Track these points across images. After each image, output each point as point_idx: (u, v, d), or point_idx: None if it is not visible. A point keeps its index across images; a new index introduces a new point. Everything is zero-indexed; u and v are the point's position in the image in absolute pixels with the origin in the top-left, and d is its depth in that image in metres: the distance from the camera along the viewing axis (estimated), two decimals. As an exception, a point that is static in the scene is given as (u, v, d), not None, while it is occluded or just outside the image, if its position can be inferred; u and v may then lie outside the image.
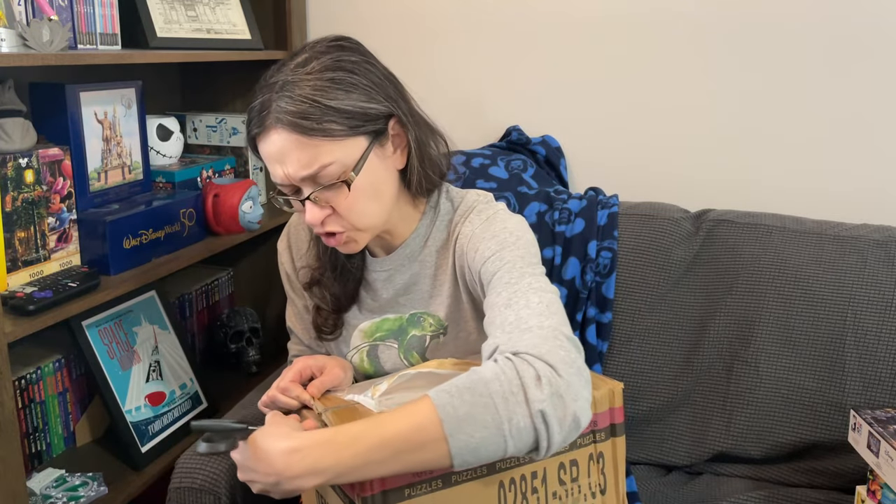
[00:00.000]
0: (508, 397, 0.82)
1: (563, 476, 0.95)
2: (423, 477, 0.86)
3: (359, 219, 1.05)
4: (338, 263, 1.18)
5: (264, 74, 1.05)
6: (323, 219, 1.04)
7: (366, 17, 1.88)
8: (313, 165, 0.99)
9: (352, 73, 1.01)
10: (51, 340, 1.49)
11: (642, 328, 1.53)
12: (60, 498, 1.35)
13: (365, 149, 1.02)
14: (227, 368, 1.88)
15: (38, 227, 1.33)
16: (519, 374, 0.83)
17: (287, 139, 0.99)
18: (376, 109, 1.02)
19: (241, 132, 1.90)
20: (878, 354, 1.40)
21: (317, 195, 1.02)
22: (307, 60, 1.02)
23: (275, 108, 0.99)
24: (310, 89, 0.98)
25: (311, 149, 0.99)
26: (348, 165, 1.01)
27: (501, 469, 0.91)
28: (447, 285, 1.14)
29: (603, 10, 1.72)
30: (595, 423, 0.96)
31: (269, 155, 1.02)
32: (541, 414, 0.82)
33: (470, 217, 1.11)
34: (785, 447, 1.44)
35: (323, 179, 1.01)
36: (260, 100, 1.02)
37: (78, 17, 1.41)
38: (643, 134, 1.75)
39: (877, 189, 1.63)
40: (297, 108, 0.98)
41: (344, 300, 1.19)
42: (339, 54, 1.02)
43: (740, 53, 1.65)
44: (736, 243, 1.52)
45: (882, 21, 1.56)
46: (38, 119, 1.39)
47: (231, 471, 1.24)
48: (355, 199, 1.03)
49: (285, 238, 1.27)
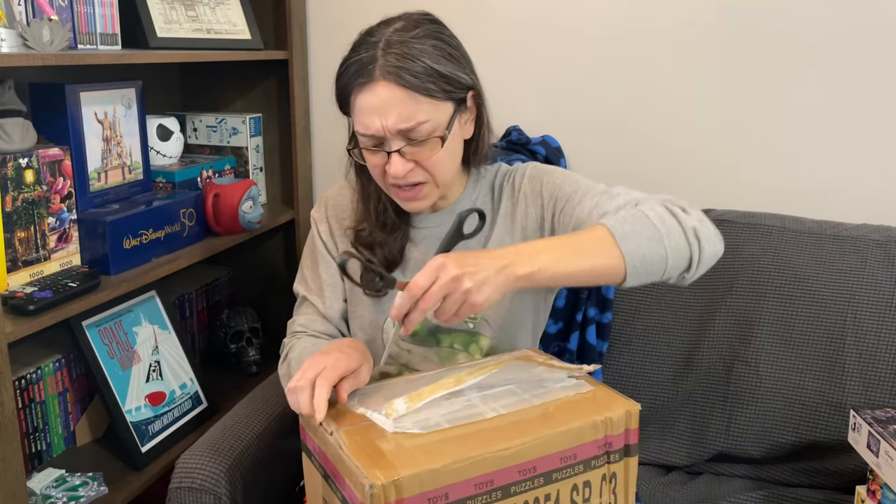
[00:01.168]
0: (665, 219, 1.01)
1: (575, 497, 0.94)
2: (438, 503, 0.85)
3: (441, 173, 1.13)
4: (388, 221, 1.23)
5: (361, 34, 1.13)
6: (407, 172, 1.10)
7: (366, 17, 1.86)
8: (411, 121, 1.07)
9: (448, 44, 1.12)
10: (51, 340, 1.49)
11: (642, 328, 1.53)
12: (60, 498, 1.35)
13: (452, 113, 1.12)
14: (227, 368, 1.88)
15: (38, 227, 1.33)
16: (667, 207, 1.03)
17: (393, 92, 1.06)
18: (465, 80, 1.12)
19: (241, 132, 1.90)
20: (878, 354, 1.40)
21: (406, 149, 1.09)
22: (406, 27, 1.10)
23: (383, 62, 1.06)
24: (417, 51, 1.07)
25: (412, 105, 1.07)
26: (439, 125, 1.10)
27: (517, 493, 0.90)
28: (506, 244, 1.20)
29: (603, 11, 1.72)
30: (610, 444, 0.95)
31: (369, 105, 1.08)
32: (693, 231, 1.01)
33: (519, 171, 1.24)
34: (785, 447, 1.44)
35: (416, 135, 1.08)
36: (362, 55, 1.08)
37: (78, 17, 1.41)
38: (643, 134, 1.75)
39: (877, 189, 1.63)
40: (406, 66, 1.06)
41: (392, 256, 1.23)
42: (435, 26, 1.13)
43: (740, 53, 1.65)
44: (736, 243, 1.52)
45: (882, 21, 1.56)
46: (38, 119, 1.39)
47: (231, 471, 1.24)
48: (441, 156, 1.11)
49: (322, 209, 1.30)
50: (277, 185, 2.00)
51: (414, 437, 0.91)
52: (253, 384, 1.63)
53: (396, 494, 0.83)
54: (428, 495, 0.85)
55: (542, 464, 0.90)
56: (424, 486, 0.84)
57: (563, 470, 0.92)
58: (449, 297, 0.92)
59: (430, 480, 0.85)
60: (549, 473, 0.91)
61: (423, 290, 0.92)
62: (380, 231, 1.22)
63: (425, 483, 0.85)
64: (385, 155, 1.10)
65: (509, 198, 1.24)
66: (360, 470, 0.85)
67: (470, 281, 0.91)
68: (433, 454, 0.87)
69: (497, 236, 1.22)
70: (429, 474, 0.85)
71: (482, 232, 1.16)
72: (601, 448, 0.94)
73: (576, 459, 0.93)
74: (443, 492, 0.85)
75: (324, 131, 1.97)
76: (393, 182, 1.13)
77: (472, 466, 0.86)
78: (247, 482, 1.27)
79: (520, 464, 0.89)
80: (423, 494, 0.85)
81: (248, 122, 1.89)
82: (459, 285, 0.91)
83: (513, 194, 1.23)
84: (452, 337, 1.23)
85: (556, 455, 0.91)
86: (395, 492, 0.83)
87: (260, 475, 1.32)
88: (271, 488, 1.36)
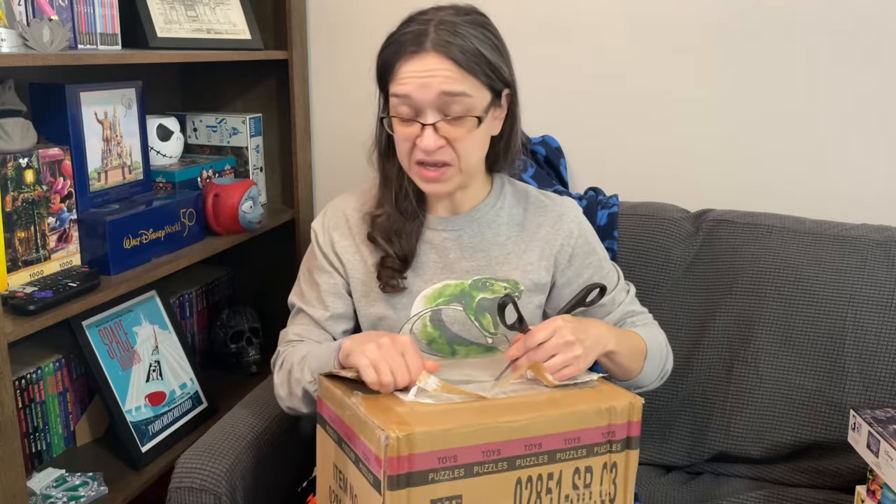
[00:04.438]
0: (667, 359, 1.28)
1: (577, 481, 0.97)
2: (446, 464, 0.90)
3: (469, 156, 1.15)
4: (408, 208, 1.23)
5: (410, 14, 1.16)
6: (437, 147, 1.12)
7: (366, 17, 1.88)
8: (455, 87, 1.09)
9: (495, 36, 1.16)
10: (51, 340, 1.49)
11: (642, 328, 1.53)
12: (60, 498, 1.35)
13: (489, 102, 1.14)
14: (227, 368, 1.88)
15: (38, 227, 1.33)
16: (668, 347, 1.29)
17: (441, 63, 1.09)
18: (506, 74, 1.15)
19: (241, 132, 1.90)
20: (878, 354, 1.40)
21: (441, 125, 1.11)
22: (458, 13, 1.14)
23: (434, 36, 1.09)
24: (468, 33, 1.11)
25: (458, 76, 1.09)
26: (477, 106, 1.12)
27: (522, 466, 0.94)
28: (525, 258, 1.25)
29: (603, 11, 1.72)
30: (613, 433, 0.98)
31: (416, 72, 1.10)
32: (665, 374, 1.29)
33: (569, 206, 1.30)
34: (785, 447, 1.44)
35: (453, 109, 1.10)
36: (413, 29, 1.11)
37: (78, 17, 1.41)
38: (643, 134, 1.75)
39: (877, 189, 1.63)
40: (457, 43, 1.09)
41: (408, 248, 1.23)
42: (484, 18, 1.17)
43: (740, 53, 1.65)
44: (736, 243, 1.52)
45: (882, 22, 1.56)
46: (38, 119, 1.39)
47: (231, 471, 1.24)
48: (472, 139, 1.13)
49: (321, 220, 1.29)
50: (277, 185, 2.00)
51: (428, 405, 0.96)
52: (253, 384, 1.62)
53: (409, 449, 0.88)
54: (438, 454, 0.89)
55: (548, 441, 0.95)
56: (435, 445, 0.89)
57: (566, 451, 0.96)
58: (559, 355, 1.03)
59: (441, 440, 0.89)
60: (553, 452, 0.95)
61: (538, 343, 1.03)
62: (399, 217, 1.22)
63: (436, 442, 0.89)
64: (418, 127, 1.12)
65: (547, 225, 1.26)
66: (376, 424, 0.89)
67: (580, 348, 1.04)
68: (446, 418, 0.92)
69: (525, 243, 1.26)
70: (441, 434, 0.89)
71: (514, 237, 1.25)
72: (604, 436, 0.98)
73: (579, 442, 0.97)
74: (452, 453, 0.90)
75: (324, 131, 1.97)
76: (421, 159, 1.13)
77: (482, 433, 0.91)
78: (247, 482, 1.27)
79: (526, 437, 0.94)
80: (434, 453, 0.89)
81: (248, 122, 1.89)
82: (571, 349, 1.03)
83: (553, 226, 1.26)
84: (469, 349, 1.25)
85: (561, 436, 0.95)
86: (408, 446, 0.88)
87: (260, 475, 1.32)
88: (271, 488, 1.36)
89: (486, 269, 1.24)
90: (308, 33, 1.92)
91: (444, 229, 1.25)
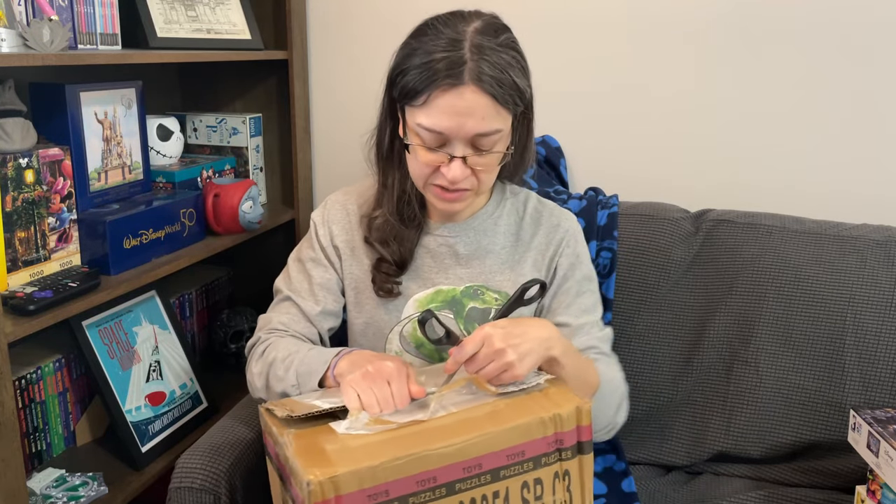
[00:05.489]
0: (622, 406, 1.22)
1: (526, 495, 0.94)
2: (379, 500, 0.86)
3: (488, 183, 1.16)
4: (410, 215, 1.22)
5: (433, 24, 1.09)
6: (464, 178, 1.10)
7: (366, 17, 1.88)
8: (489, 127, 1.07)
9: (522, 56, 1.12)
10: (51, 340, 1.49)
11: (642, 328, 1.53)
12: (60, 498, 1.35)
13: (511, 125, 1.12)
14: (227, 368, 1.88)
15: (38, 227, 1.33)
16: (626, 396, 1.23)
17: (479, 100, 1.05)
18: (528, 96, 1.13)
19: (241, 132, 1.90)
20: (878, 354, 1.40)
21: (470, 157, 1.09)
22: (487, 31, 1.07)
23: (473, 66, 1.04)
24: (505, 63, 1.06)
25: (494, 113, 1.06)
26: (505, 137, 1.11)
27: (462, 490, 0.90)
28: (518, 269, 1.23)
29: (603, 11, 1.72)
30: (561, 441, 0.95)
31: (454, 107, 1.05)
32: (614, 428, 1.22)
33: (567, 218, 1.28)
34: (785, 447, 1.44)
35: (485, 144, 1.08)
36: (448, 54, 1.05)
37: (78, 17, 1.41)
38: (643, 134, 1.75)
39: (877, 189, 1.63)
40: (496, 76, 1.05)
41: (405, 253, 1.23)
42: (511, 35, 1.11)
43: (740, 53, 1.65)
44: (736, 243, 1.52)
45: (882, 22, 1.56)
46: (38, 119, 1.39)
47: (231, 471, 1.24)
48: (493, 168, 1.13)
49: (321, 211, 1.29)
50: (277, 185, 2.00)
51: (361, 437, 0.92)
52: (253, 384, 1.62)
53: (335, 491, 0.84)
54: (367, 492, 0.86)
55: (488, 461, 0.91)
56: (364, 483, 0.85)
57: (510, 467, 0.93)
58: (492, 364, 0.99)
59: (369, 477, 0.86)
60: (496, 471, 0.92)
61: (468, 356, 0.99)
62: (396, 221, 1.21)
63: (364, 480, 0.85)
64: (444, 156, 1.09)
65: (541, 234, 1.26)
66: (300, 467, 0.86)
67: (513, 353, 0.98)
68: (374, 452, 0.88)
69: (519, 254, 1.25)
70: (367, 471, 0.86)
71: (510, 248, 1.24)
72: (551, 445, 0.95)
73: (524, 456, 0.94)
74: (383, 488, 0.86)
75: (324, 131, 1.97)
76: (443, 184, 1.12)
77: (413, 463, 0.88)
78: (247, 482, 1.27)
79: (463, 461, 0.90)
80: (363, 491, 0.85)
81: (248, 122, 1.89)
82: (503, 357, 0.98)
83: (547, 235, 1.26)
84: None
85: (503, 452, 0.92)
86: (333, 488, 0.84)
87: (260, 475, 1.32)
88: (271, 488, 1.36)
89: (480, 276, 1.24)
90: (308, 33, 1.92)
91: (441, 235, 1.24)
